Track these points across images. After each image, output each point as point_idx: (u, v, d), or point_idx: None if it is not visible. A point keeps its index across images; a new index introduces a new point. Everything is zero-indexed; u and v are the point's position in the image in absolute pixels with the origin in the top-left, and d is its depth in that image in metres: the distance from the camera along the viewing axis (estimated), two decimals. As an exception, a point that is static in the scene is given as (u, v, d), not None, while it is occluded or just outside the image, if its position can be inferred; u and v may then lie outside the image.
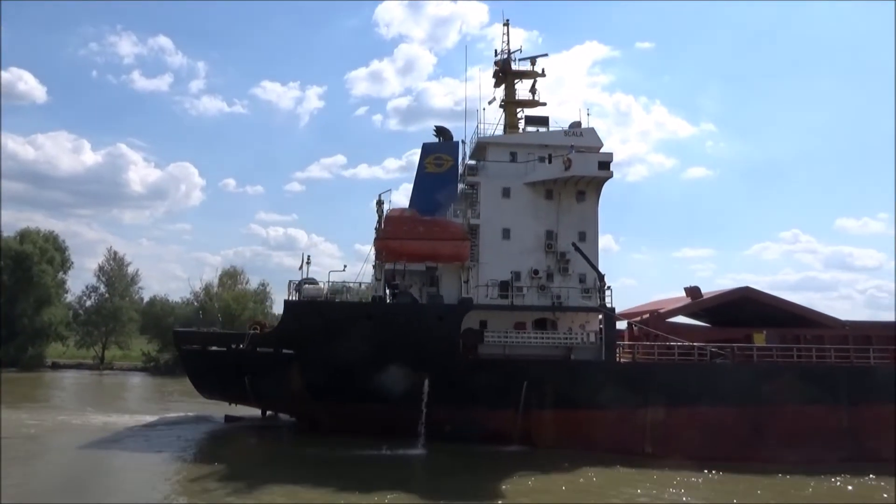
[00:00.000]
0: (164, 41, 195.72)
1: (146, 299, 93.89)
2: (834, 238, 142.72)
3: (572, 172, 35.83)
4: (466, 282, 35.89)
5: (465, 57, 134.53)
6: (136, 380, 70.85)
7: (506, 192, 37.39)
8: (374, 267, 40.09)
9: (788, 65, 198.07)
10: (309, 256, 37.51)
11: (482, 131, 39.72)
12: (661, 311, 37.30)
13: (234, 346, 35.48)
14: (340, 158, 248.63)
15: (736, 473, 29.18)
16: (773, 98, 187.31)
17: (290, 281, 36.28)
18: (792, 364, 34.32)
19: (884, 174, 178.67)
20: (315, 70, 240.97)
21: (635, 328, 37.01)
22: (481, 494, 25.15)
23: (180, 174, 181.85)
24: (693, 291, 37.95)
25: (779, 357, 34.57)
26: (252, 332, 35.87)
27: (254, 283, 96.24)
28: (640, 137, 76.01)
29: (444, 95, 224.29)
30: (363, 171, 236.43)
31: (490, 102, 42.33)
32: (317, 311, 34.77)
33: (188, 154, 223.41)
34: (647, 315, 37.21)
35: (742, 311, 37.07)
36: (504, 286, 36.01)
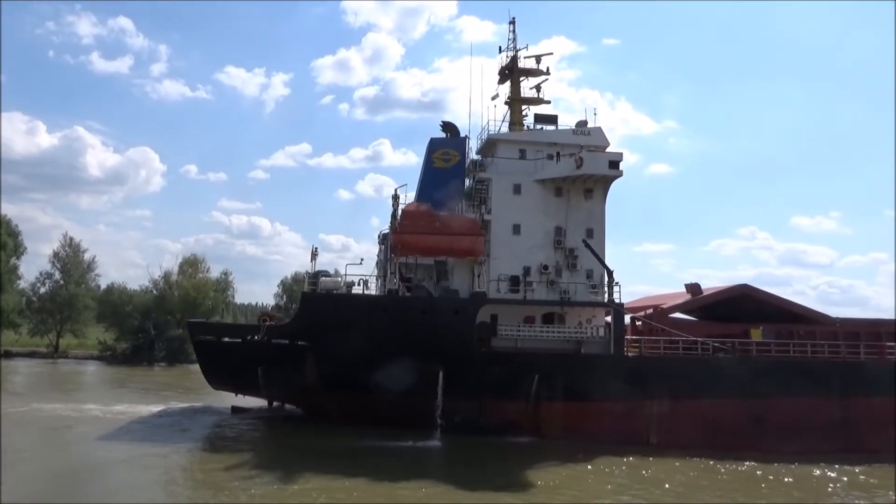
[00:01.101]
0: (124, 22, 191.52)
1: (103, 287, 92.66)
2: (789, 235, 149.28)
3: (584, 171, 37.38)
4: (478, 276, 37.23)
5: (433, 48, 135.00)
6: (93, 368, 70.13)
7: (516, 189, 38.75)
8: (378, 261, 41.28)
9: (749, 66, 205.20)
10: (317, 248, 38.53)
11: (481, 126, 40.94)
12: (664, 306, 39.22)
13: (248, 338, 36.16)
14: (306, 147, 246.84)
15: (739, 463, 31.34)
16: (733, 98, 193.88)
17: (305, 273, 37.28)
18: (788, 359, 36.60)
19: (837, 174, 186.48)
20: (281, 57, 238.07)
21: (638, 323, 38.84)
22: (517, 486, 26.26)
23: (140, 159, 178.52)
24: (693, 288, 39.95)
25: (777, 352, 36.81)
26: (267, 323, 36.54)
27: (215, 272, 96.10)
28: (605, 133, 78.47)
29: (412, 86, 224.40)
30: (328, 160, 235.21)
31: (493, 98, 43.70)
32: (333, 304, 35.67)
33: (149, 139, 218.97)
34: (651, 310, 39.08)
35: (737, 307, 39.19)
36: (515, 281, 37.45)
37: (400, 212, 36.67)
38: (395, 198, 36.90)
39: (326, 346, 34.66)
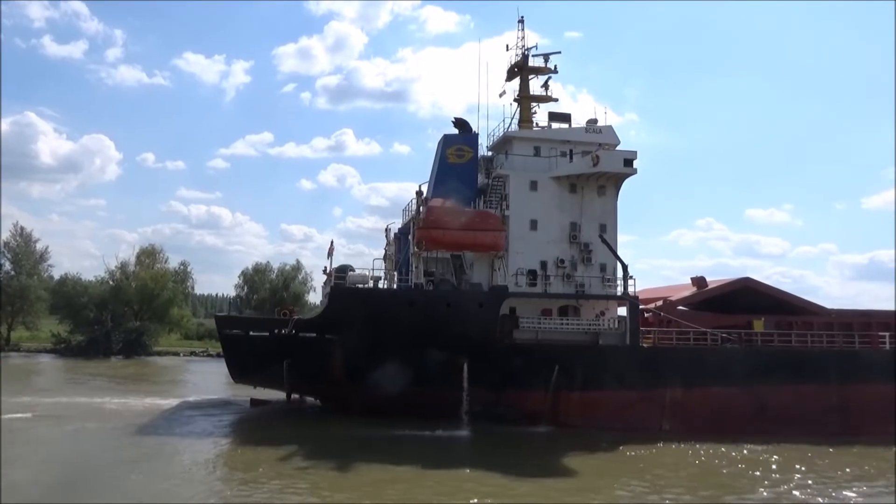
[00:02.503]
0: (77, 5, 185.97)
1: (56, 278, 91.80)
2: (744, 227, 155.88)
3: (600, 168, 39.53)
4: (497, 270, 39.13)
5: (396, 37, 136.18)
6: (46, 361, 70.36)
7: (533, 186, 40.63)
8: (388, 256, 42.82)
9: (706, 62, 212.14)
10: (332, 241, 39.98)
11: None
12: (672, 298, 41.82)
13: (276, 331, 37.37)
14: (267, 136, 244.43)
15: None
16: (691, 93, 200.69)
17: (327, 268, 38.76)
18: (790, 349, 39.56)
19: (789, 169, 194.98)
20: (241, 44, 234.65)
21: (647, 315, 41.30)
22: (559, 473, 28.18)
23: (95, 147, 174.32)
24: (699, 281, 42.67)
25: (779, 342, 39.77)
26: (295, 317, 37.77)
27: (174, 263, 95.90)
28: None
29: (375, 75, 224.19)
30: (290, 149, 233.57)
31: (501, 95, 45.66)
32: (361, 298, 37.13)
33: (104, 126, 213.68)
34: (661, 302, 41.62)
35: (739, 299, 41.98)
36: (532, 274, 39.50)
37: (425, 208, 38.16)
38: (419, 194, 38.44)
39: (354, 339, 36.09)
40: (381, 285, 39.52)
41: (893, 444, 34.87)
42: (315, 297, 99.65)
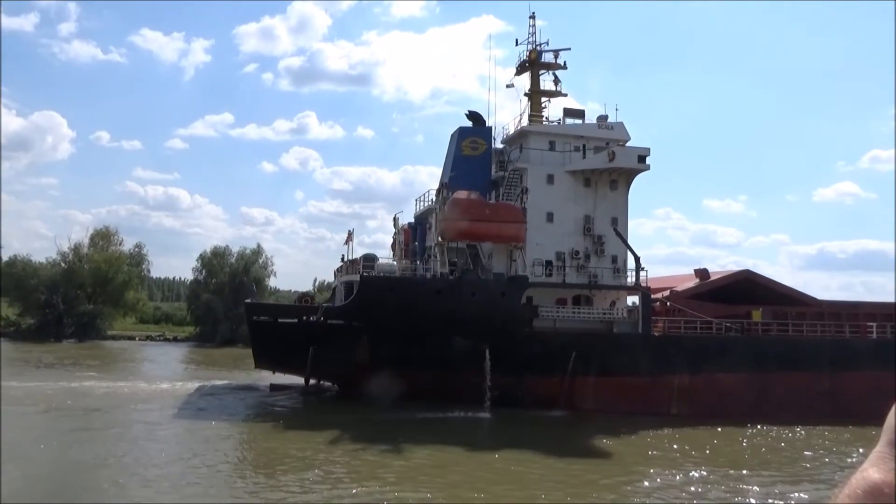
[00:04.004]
0: None
1: (5, 259, 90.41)
2: (701, 217, 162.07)
3: (616, 164, 42.27)
4: (515, 261, 41.59)
5: (361, 20, 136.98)
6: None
7: (550, 179, 43.19)
8: (397, 243, 44.83)
9: (667, 56, 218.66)
10: (350, 231, 41.92)
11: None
12: (677, 289, 44.98)
13: (305, 319, 39.10)
14: (228, 117, 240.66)
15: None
16: (652, 85, 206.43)
17: (345, 256, 40.69)
18: (787, 337, 43.13)
19: (745, 161, 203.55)
20: (201, 21, 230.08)
21: (655, 304, 44.32)
22: (587, 453, 30.63)
23: (46, 124, 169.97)
24: (702, 273, 45.95)
25: (777, 331, 43.33)
26: (325, 305, 39.57)
27: (129, 245, 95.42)
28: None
29: (339, 58, 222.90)
30: (252, 131, 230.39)
31: (508, 87, 48.09)
32: (390, 287, 39.14)
33: (56, 103, 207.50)
34: (668, 292, 44.73)
35: (738, 290, 45.36)
36: (549, 265, 42.11)
37: (450, 199, 40.25)
38: (444, 186, 40.50)
39: (381, 327, 38.08)
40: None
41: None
42: (276, 282, 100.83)
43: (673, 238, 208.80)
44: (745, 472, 27.71)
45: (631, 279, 42.83)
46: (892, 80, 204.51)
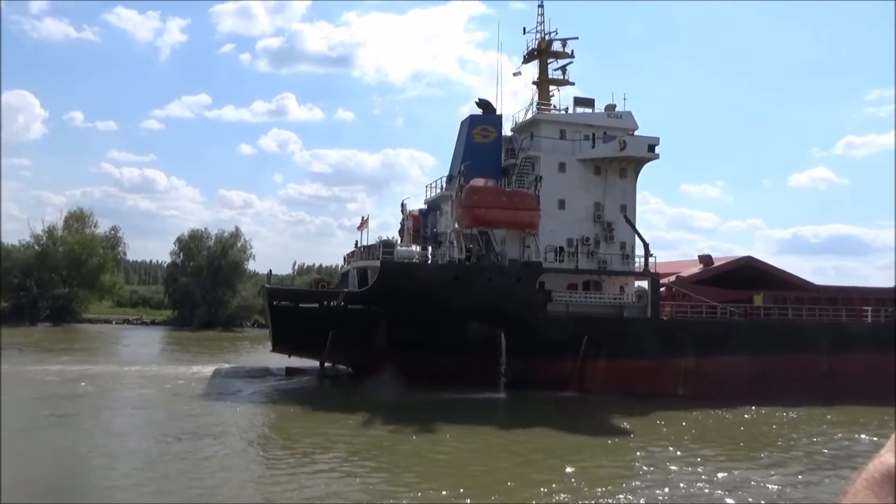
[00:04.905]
0: None
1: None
2: (678, 201, 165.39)
3: (627, 153, 44.04)
4: (528, 247, 43.21)
5: (343, 1, 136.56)
6: None
7: (561, 167, 44.84)
8: (406, 229, 46.19)
9: (648, 43, 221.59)
10: (365, 217, 43.20)
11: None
12: (683, 274, 47.01)
13: (326, 303, 40.36)
14: (205, 98, 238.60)
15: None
16: (631, 71, 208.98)
17: (359, 242, 41.98)
18: (788, 321, 45.44)
19: (721, 147, 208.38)
20: (177, 0, 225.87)
21: (661, 289, 46.29)
22: (600, 432, 32.31)
23: (18, 103, 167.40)
24: (705, 259, 48.07)
25: (779, 315, 45.61)
26: (346, 290, 40.88)
27: (105, 227, 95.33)
28: (511, 98, 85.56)
29: (318, 39, 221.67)
30: (229, 112, 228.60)
31: (515, 75, 49.72)
32: (409, 273, 40.53)
33: (27, 82, 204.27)
34: (674, 277, 46.72)
35: (740, 275, 47.54)
36: (560, 251, 43.83)
37: (467, 187, 41.63)
38: (461, 174, 41.88)
39: (400, 311, 39.45)
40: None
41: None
42: (255, 266, 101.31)
43: (650, 222, 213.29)
44: (761, 454, 29.31)
45: (639, 265, 44.67)
46: (866, 69, 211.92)
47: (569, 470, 24.35)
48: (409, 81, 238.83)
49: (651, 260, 43.96)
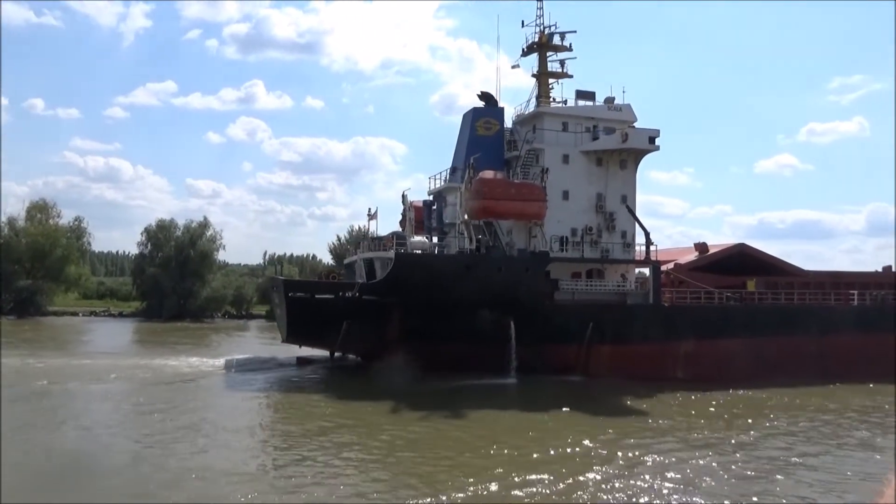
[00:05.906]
0: None
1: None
2: (649, 188, 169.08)
3: (629, 145, 46.12)
4: (535, 237, 45.06)
5: None
6: None
7: (565, 159, 46.72)
8: (408, 220, 47.70)
9: (618, 28, 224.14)
10: (373, 209, 44.62)
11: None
12: (681, 262, 49.35)
13: (341, 294, 41.71)
14: (171, 85, 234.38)
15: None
16: (606, 57, 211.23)
17: (365, 232, 43.32)
18: (780, 305, 48.08)
19: (690, 135, 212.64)
20: None
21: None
22: (630, 412, 34.75)
23: None
24: (701, 247, 50.49)
25: (771, 299, 48.23)
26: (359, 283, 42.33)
27: (68, 217, 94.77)
28: (483, 84, 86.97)
29: (287, 25, 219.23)
30: (196, 100, 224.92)
31: (514, 67, 51.45)
32: (422, 263, 42.10)
33: None
34: (672, 265, 48.99)
35: (733, 262, 50.03)
36: (564, 241, 45.79)
37: (477, 179, 43.21)
38: (471, 166, 43.45)
39: (413, 301, 40.96)
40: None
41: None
42: (225, 256, 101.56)
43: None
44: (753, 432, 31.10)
45: (639, 253, 46.86)
46: (829, 57, 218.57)
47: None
48: (379, 69, 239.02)
49: (652, 248, 45.99)
